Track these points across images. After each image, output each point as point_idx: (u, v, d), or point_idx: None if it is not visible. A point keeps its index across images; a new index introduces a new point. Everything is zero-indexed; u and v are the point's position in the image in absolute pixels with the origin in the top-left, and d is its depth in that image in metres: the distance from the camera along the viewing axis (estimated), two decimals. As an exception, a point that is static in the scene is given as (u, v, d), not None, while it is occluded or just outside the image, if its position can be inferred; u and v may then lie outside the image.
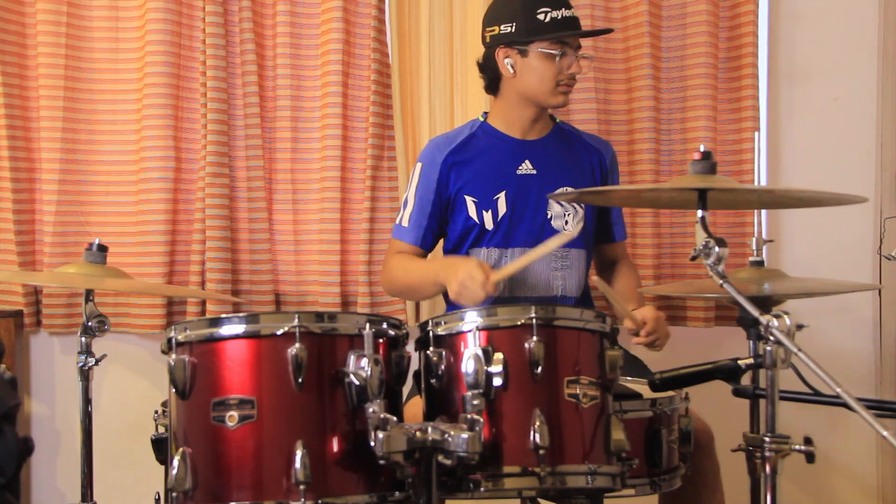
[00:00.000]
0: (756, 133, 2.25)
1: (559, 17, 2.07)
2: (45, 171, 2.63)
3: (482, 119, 2.23)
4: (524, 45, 2.08)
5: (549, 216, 2.15)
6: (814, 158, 2.84)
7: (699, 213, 1.53)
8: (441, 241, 2.23)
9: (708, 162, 1.56)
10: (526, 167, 2.15)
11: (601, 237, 2.29)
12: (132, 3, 2.67)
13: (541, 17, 2.06)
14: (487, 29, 2.14)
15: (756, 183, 2.05)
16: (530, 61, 2.09)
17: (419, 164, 2.18)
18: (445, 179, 2.14)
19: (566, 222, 2.16)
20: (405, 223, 2.16)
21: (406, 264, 2.14)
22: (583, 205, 2.18)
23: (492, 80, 2.17)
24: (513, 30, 2.09)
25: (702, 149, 1.58)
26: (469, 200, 2.13)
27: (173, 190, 2.64)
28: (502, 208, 2.13)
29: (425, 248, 2.18)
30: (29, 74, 2.66)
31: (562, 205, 2.15)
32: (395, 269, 2.16)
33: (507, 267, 1.93)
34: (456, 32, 2.72)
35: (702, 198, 1.54)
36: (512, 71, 2.11)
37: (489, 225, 2.13)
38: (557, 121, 2.27)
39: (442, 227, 2.18)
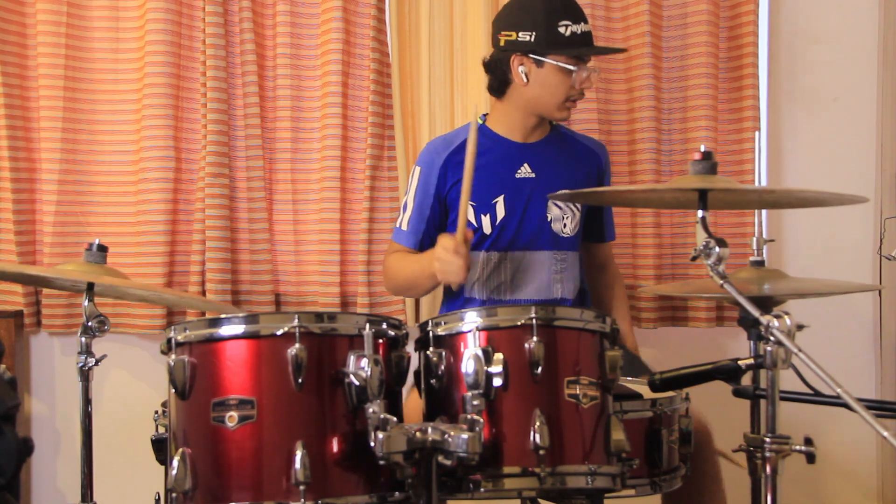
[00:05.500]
0: (756, 133, 2.25)
1: (579, 31, 2.04)
2: (45, 171, 2.63)
3: (481, 121, 2.20)
4: (542, 57, 2.05)
5: (548, 219, 2.15)
6: (814, 158, 2.84)
7: (700, 213, 1.53)
8: None
9: (708, 162, 1.56)
10: (525, 171, 2.15)
11: (592, 236, 2.30)
12: (132, 3, 2.67)
13: (562, 30, 2.03)
14: (503, 33, 2.09)
15: (756, 183, 2.05)
16: (545, 73, 2.06)
17: (417, 168, 2.17)
18: (443, 182, 2.14)
19: (564, 225, 2.16)
20: (404, 227, 2.17)
21: (400, 262, 2.16)
22: (578, 206, 2.19)
23: (500, 83, 2.12)
24: (532, 39, 2.04)
25: (702, 149, 1.58)
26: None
27: (173, 190, 2.64)
28: (500, 212, 2.13)
29: (423, 252, 2.16)
30: (29, 74, 2.66)
31: (560, 207, 2.15)
32: (392, 269, 2.19)
33: (460, 214, 1.89)
34: (456, 32, 2.72)
35: (702, 198, 1.54)
36: (525, 80, 2.07)
37: (487, 229, 2.12)
38: (553, 123, 2.27)
39: (440, 231, 2.15)
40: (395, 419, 1.40)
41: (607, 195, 2.11)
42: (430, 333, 1.55)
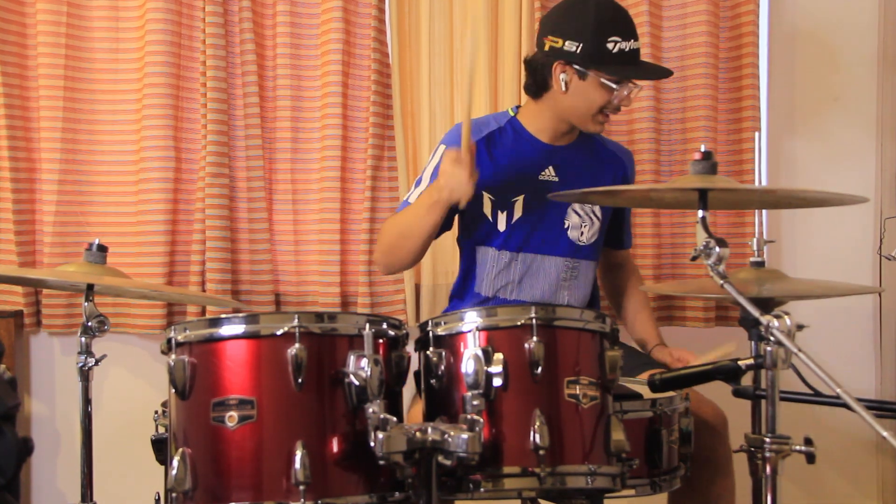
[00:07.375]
0: (756, 134, 2.25)
1: (627, 49, 1.97)
2: (45, 171, 2.63)
3: (512, 114, 2.15)
4: (586, 70, 1.98)
5: (566, 226, 2.11)
6: (814, 158, 2.84)
7: (700, 213, 1.53)
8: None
9: (708, 162, 1.56)
10: (548, 173, 2.10)
11: (612, 243, 2.27)
12: (132, 4, 2.67)
13: (610, 46, 1.95)
14: (550, 37, 2.01)
15: (756, 183, 2.05)
16: (585, 86, 1.99)
17: (442, 147, 2.07)
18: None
19: (582, 233, 2.12)
20: (413, 200, 2.06)
21: (396, 216, 2.09)
22: (600, 216, 2.13)
23: (538, 86, 2.06)
24: (578, 51, 1.96)
25: (702, 149, 1.58)
26: (486, 197, 2.07)
27: (173, 190, 2.64)
28: (518, 212, 2.08)
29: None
30: (29, 74, 2.66)
31: (580, 214, 2.11)
32: (386, 227, 2.10)
33: (463, 131, 1.87)
34: (456, 32, 2.72)
35: (702, 198, 1.54)
36: (564, 88, 2.00)
37: (501, 227, 2.08)
38: None
39: (454, 213, 2.07)
40: (395, 419, 1.40)
41: (607, 195, 2.10)
42: (430, 333, 1.55)
